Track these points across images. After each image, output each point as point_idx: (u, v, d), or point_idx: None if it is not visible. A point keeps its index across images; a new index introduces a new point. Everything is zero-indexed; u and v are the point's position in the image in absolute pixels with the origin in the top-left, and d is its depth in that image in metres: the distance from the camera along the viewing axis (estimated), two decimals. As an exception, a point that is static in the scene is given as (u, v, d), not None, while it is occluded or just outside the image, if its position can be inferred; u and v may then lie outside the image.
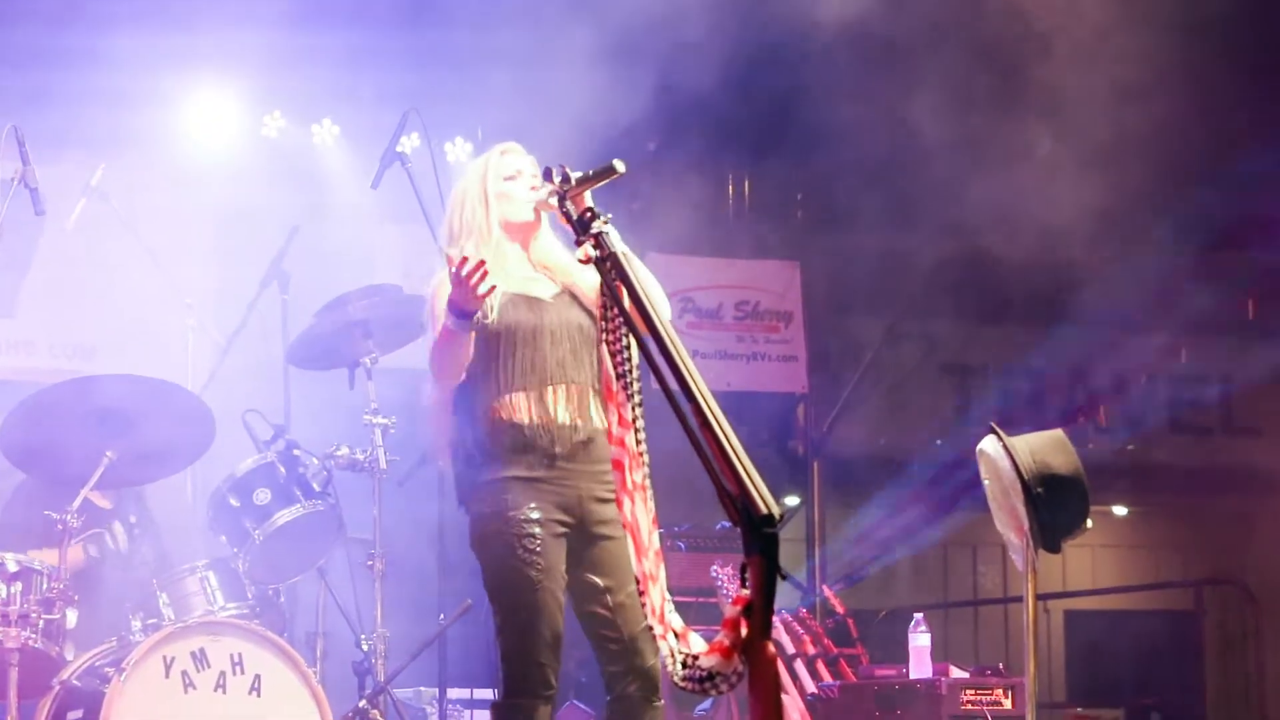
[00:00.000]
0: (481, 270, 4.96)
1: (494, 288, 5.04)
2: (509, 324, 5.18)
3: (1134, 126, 9.12)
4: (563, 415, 5.15)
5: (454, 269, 4.97)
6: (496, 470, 5.13)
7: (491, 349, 5.18)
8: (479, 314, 5.15)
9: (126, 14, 8.70)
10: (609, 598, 5.16)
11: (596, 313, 5.11)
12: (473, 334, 5.14)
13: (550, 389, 5.16)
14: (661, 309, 5.15)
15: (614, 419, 4.32)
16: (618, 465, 4.33)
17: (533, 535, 5.08)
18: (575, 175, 4.58)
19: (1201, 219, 11.34)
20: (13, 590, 6.51)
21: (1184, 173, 10.02)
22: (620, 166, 4.53)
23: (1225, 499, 13.79)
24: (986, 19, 9.58)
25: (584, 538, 5.18)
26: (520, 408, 5.14)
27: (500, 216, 5.31)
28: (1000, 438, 5.81)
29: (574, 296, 5.27)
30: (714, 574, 8.31)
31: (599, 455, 5.11)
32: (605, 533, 5.14)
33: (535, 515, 5.09)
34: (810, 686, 8.27)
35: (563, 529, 5.14)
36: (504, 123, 8.40)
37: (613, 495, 4.94)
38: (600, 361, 4.52)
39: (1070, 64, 9.35)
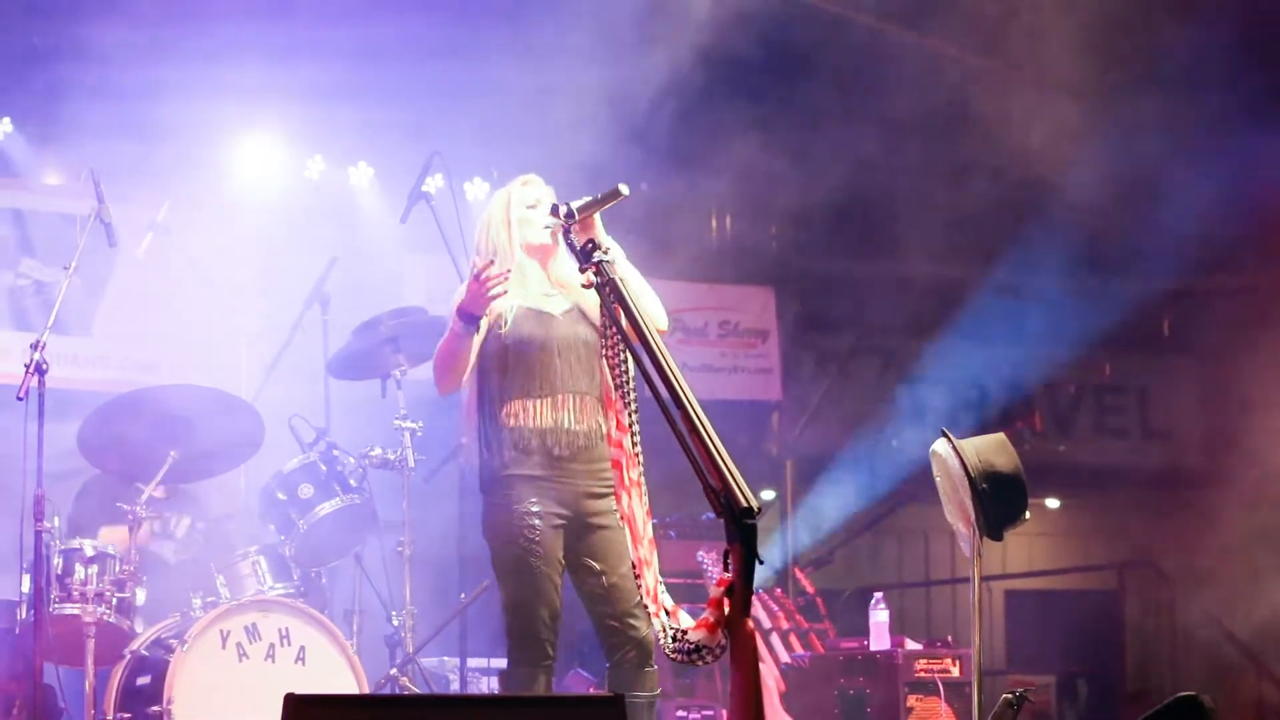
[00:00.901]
0: (500, 276, 4.94)
1: (504, 292, 5.01)
2: (522, 336, 5.14)
3: (1061, 158, 9.10)
4: (565, 420, 5.11)
5: (477, 270, 4.95)
6: (505, 468, 5.11)
7: (505, 358, 5.15)
8: (497, 325, 5.14)
9: (188, 79, 8.72)
10: (604, 579, 5.15)
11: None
12: (474, 340, 5.10)
13: (555, 396, 5.12)
14: (657, 320, 5.12)
15: (613, 424, 4.30)
16: (616, 464, 4.32)
17: (533, 526, 5.07)
18: (584, 200, 4.55)
19: (1123, 248, 11.34)
20: (90, 571, 6.51)
21: (1108, 205, 9.98)
22: (624, 189, 4.50)
23: (1143, 493, 13.75)
24: (938, 71, 9.57)
25: (581, 528, 5.16)
26: (527, 412, 5.11)
27: (521, 239, 5.26)
28: (950, 440, 5.77)
29: (583, 313, 5.21)
30: (700, 559, 8.29)
31: (597, 456, 5.08)
32: (600, 523, 5.12)
33: (536, 509, 5.07)
34: (784, 657, 8.25)
35: (561, 521, 5.12)
36: (516, 165, 8.39)
37: (607, 490, 4.93)
38: (601, 373, 4.50)
39: (1000, 91, 9.33)
